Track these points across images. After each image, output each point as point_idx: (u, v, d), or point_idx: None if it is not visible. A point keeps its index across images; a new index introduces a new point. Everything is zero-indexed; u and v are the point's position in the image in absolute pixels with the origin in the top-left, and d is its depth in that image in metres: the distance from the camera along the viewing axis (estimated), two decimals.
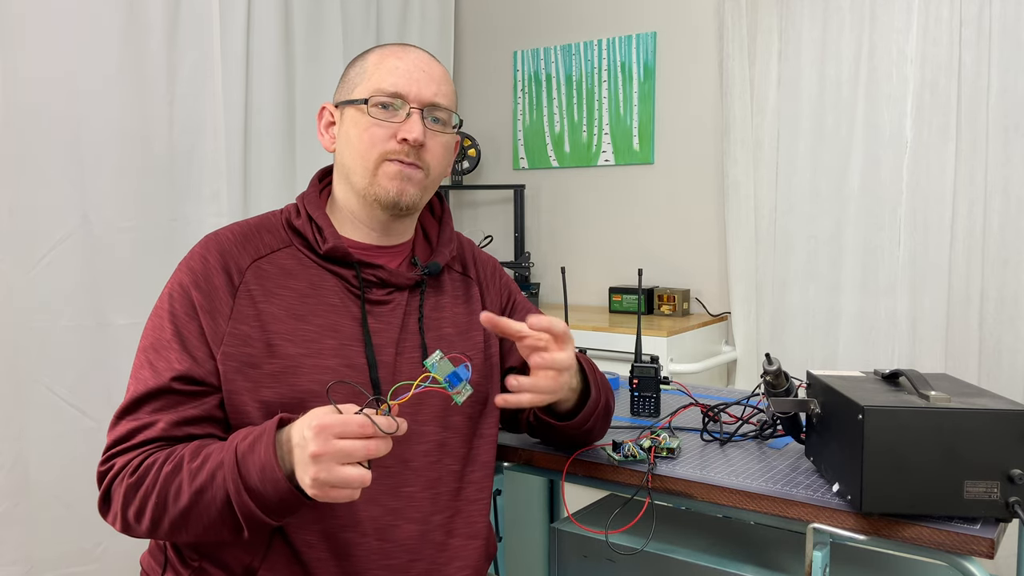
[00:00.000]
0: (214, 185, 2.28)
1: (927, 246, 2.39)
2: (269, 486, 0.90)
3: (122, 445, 1.00)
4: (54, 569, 1.95)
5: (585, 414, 1.18)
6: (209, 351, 1.03)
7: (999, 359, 2.31)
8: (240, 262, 1.07)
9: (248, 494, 0.90)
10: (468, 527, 1.15)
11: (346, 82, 1.14)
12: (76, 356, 1.99)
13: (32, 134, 1.91)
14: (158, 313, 1.06)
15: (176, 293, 1.06)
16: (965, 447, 0.98)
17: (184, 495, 0.93)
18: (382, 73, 1.10)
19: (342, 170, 1.13)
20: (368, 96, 1.09)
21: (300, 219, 1.12)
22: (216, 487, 0.92)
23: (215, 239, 1.10)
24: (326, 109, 1.16)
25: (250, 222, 1.14)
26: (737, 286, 2.68)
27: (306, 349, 1.05)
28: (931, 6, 2.35)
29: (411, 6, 3.05)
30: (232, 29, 2.31)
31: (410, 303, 1.14)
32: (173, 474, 0.94)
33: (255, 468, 0.90)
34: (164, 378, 1.01)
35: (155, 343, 1.04)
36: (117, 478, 0.98)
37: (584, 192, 3.09)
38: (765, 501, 1.12)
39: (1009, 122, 2.27)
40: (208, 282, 1.05)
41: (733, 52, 2.65)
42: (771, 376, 1.25)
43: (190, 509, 0.94)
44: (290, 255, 1.10)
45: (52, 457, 1.94)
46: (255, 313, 1.05)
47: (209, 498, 0.92)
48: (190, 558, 1.06)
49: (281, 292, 1.07)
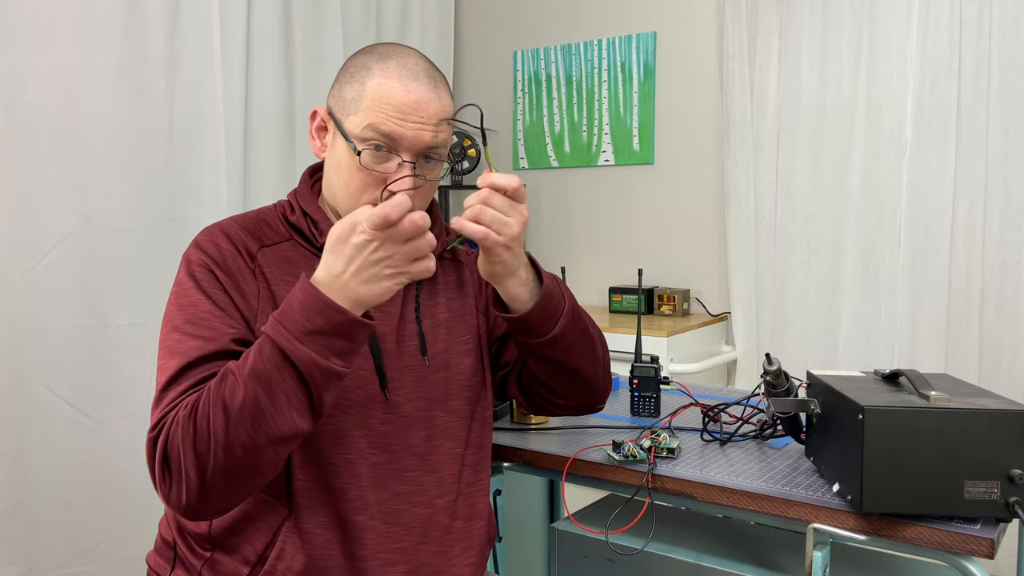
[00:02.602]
0: (214, 185, 2.28)
1: (927, 246, 2.39)
2: (319, 317, 0.87)
3: (174, 408, 0.94)
4: (54, 569, 1.95)
5: (543, 307, 1.07)
6: (247, 323, 1.01)
7: (999, 359, 2.31)
8: (250, 247, 1.07)
9: (302, 341, 0.87)
10: (469, 509, 1.16)
11: (341, 97, 1.07)
12: (76, 356, 1.99)
13: (32, 134, 1.91)
14: (183, 293, 1.01)
15: (199, 273, 1.02)
16: (965, 447, 0.98)
17: (239, 390, 0.88)
18: (380, 111, 1.02)
19: (329, 187, 1.10)
20: (362, 136, 1.03)
21: (295, 215, 1.12)
22: (267, 359, 0.88)
23: (217, 227, 1.09)
24: (319, 115, 1.11)
25: (248, 216, 1.13)
26: (737, 286, 2.68)
27: None
28: (931, 6, 2.35)
29: (411, 6, 3.05)
30: (232, 29, 2.31)
31: (407, 293, 1.14)
32: (221, 379, 0.90)
33: (298, 312, 0.88)
34: (222, 342, 0.97)
35: (191, 318, 0.99)
36: (172, 426, 0.91)
37: (584, 192, 3.09)
38: (765, 501, 1.12)
39: (1009, 122, 2.27)
40: (227, 264, 1.04)
41: (733, 52, 2.65)
42: (771, 376, 1.25)
43: (253, 404, 0.88)
44: (291, 248, 1.10)
45: (52, 457, 1.94)
46: (269, 295, 1.04)
47: (266, 376, 0.88)
48: (202, 548, 1.06)
49: (288, 279, 1.06)
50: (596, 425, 1.46)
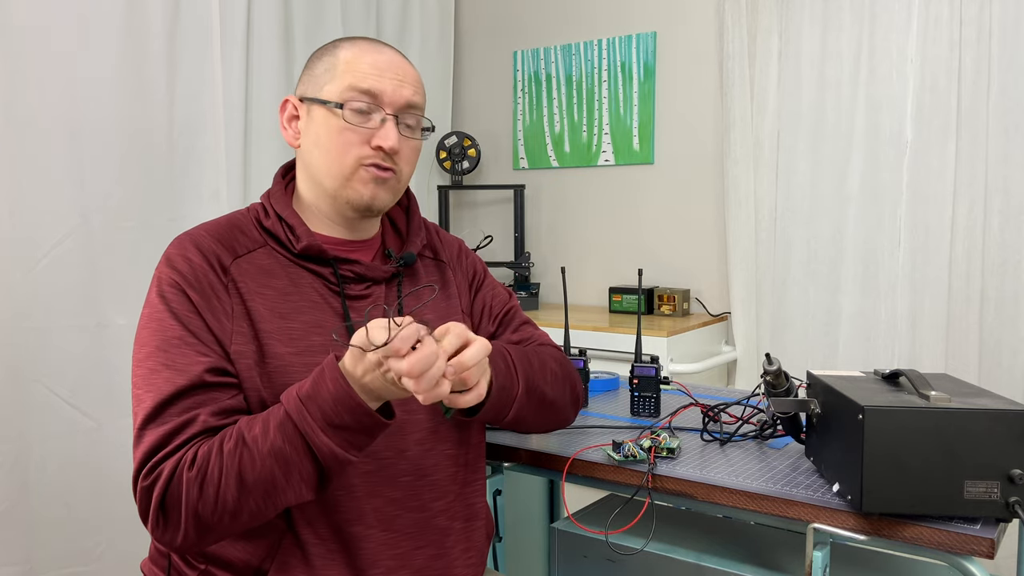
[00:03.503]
0: (214, 185, 2.28)
1: (927, 246, 2.39)
2: (347, 415, 0.89)
3: (162, 451, 0.93)
4: (54, 569, 1.95)
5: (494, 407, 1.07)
6: (222, 347, 0.99)
7: (999, 359, 2.31)
8: (223, 259, 1.04)
9: (326, 433, 0.89)
10: (467, 509, 1.16)
11: (313, 76, 1.09)
12: (76, 356, 1.99)
13: (32, 134, 1.91)
14: (154, 317, 1.00)
15: (169, 294, 1.00)
16: (965, 447, 0.98)
17: (257, 464, 0.89)
18: (357, 71, 1.06)
19: (309, 170, 1.10)
20: (342, 98, 1.06)
21: (269, 219, 1.09)
22: (289, 441, 0.89)
23: (188, 238, 1.06)
24: (289, 102, 1.11)
25: (220, 223, 1.10)
26: (737, 286, 2.68)
27: (294, 347, 1.03)
28: (931, 6, 2.35)
29: (411, 6, 3.05)
30: (232, 29, 2.31)
31: (388, 295, 1.13)
32: (237, 449, 0.90)
33: (327, 403, 0.88)
34: (194, 372, 0.96)
35: (163, 345, 0.98)
36: (173, 480, 0.91)
37: (584, 192, 3.09)
38: (765, 501, 1.12)
39: (1009, 122, 2.27)
40: (199, 281, 1.01)
41: (733, 52, 2.65)
42: (771, 376, 1.25)
43: (268, 479, 0.90)
44: (267, 255, 1.07)
45: (52, 457, 1.94)
46: (244, 311, 1.02)
47: (285, 457, 0.89)
48: (195, 561, 1.06)
49: (263, 291, 1.04)
50: (596, 425, 1.46)
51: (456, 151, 3.11)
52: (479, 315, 1.26)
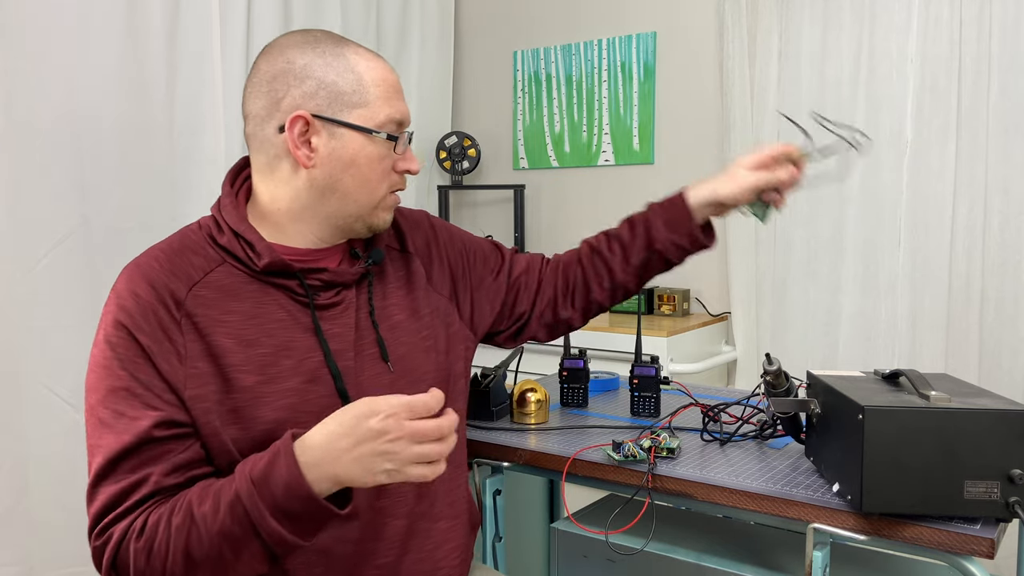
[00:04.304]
0: (214, 185, 2.27)
1: (927, 246, 2.39)
2: (297, 503, 0.85)
3: (114, 512, 0.91)
4: (54, 569, 1.95)
5: None
6: (174, 394, 0.94)
7: (999, 359, 2.31)
8: (176, 292, 0.97)
9: (276, 519, 0.86)
10: (451, 508, 1.14)
11: (332, 93, 1.01)
12: (76, 356, 1.99)
13: (32, 134, 1.91)
14: (101, 363, 0.95)
15: (116, 339, 0.95)
16: (965, 447, 0.98)
17: (205, 542, 0.87)
18: (388, 97, 1.03)
19: (326, 192, 1.03)
20: (381, 128, 1.02)
21: (224, 236, 1.02)
22: (237, 523, 0.86)
23: (138, 270, 0.98)
24: (302, 119, 1.00)
25: (172, 244, 1.02)
26: (737, 286, 2.68)
27: (264, 375, 0.98)
28: (931, 6, 2.35)
29: (411, 6, 3.05)
30: (232, 29, 2.32)
31: (359, 298, 1.08)
32: (185, 524, 0.88)
33: (279, 489, 0.85)
34: (141, 427, 0.91)
35: (110, 395, 0.93)
36: (122, 546, 0.89)
37: (584, 192, 3.09)
38: (765, 501, 1.12)
39: (1009, 122, 2.27)
40: (149, 321, 0.95)
41: (733, 52, 2.65)
42: (771, 376, 1.25)
43: (216, 557, 0.88)
44: (226, 273, 1.00)
45: (52, 457, 1.94)
46: (204, 348, 0.96)
47: (234, 538, 0.87)
48: None
49: (225, 318, 0.98)
50: (596, 425, 1.46)
51: (456, 151, 3.11)
52: (488, 285, 1.27)
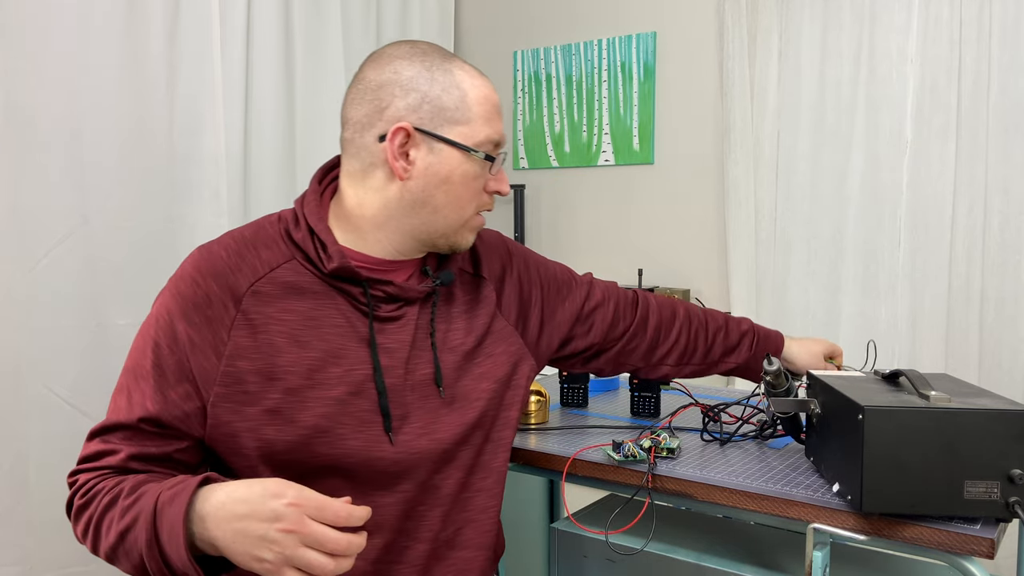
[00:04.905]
0: (214, 185, 2.28)
1: (927, 246, 2.39)
2: (172, 550, 0.86)
3: (88, 464, 1.01)
4: (54, 569, 1.95)
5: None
6: (189, 390, 0.97)
7: (999, 359, 2.31)
8: (237, 287, 0.98)
9: (159, 551, 0.87)
10: (478, 537, 1.10)
11: (436, 108, 1.00)
12: (76, 356, 1.99)
13: (32, 134, 1.91)
14: (143, 335, 1.00)
15: (162, 320, 0.98)
16: (965, 447, 0.98)
17: (112, 532, 0.91)
18: (491, 118, 1.03)
19: (416, 205, 1.02)
20: (481, 148, 1.02)
21: (300, 231, 1.02)
22: (136, 532, 0.89)
23: (208, 259, 1.00)
24: (404, 130, 0.99)
25: (245, 235, 1.03)
26: (737, 286, 2.68)
27: (310, 380, 0.98)
28: (931, 6, 2.35)
29: (411, 6, 3.05)
30: (232, 29, 2.31)
31: (421, 316, 1.05)
32: (108, 507, 0.93)
33: (166, 527, 0.86)
34: (134, 415, 0.97)
35: (134, 368, 0.99)
36: (77, 495, 0.99)
37: (584, 192, 3.09)
38: (765, 501, 1.12)
39: (1009, 122, 2.26)
40: (200, 313, 0.97)
41: (733, 52, 2.65)
42: (771, 376, 1.25)
43: (117, 547, 0.92)
44: (292, 270, 1.01)
45: (52, 457, 1.94)
46: (254, 345, 0.97)
47: (131, 541, 0.90)
48: None
49: (283, 316, 0.99)
50: (596, 425, 1.47)
51: None
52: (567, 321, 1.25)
